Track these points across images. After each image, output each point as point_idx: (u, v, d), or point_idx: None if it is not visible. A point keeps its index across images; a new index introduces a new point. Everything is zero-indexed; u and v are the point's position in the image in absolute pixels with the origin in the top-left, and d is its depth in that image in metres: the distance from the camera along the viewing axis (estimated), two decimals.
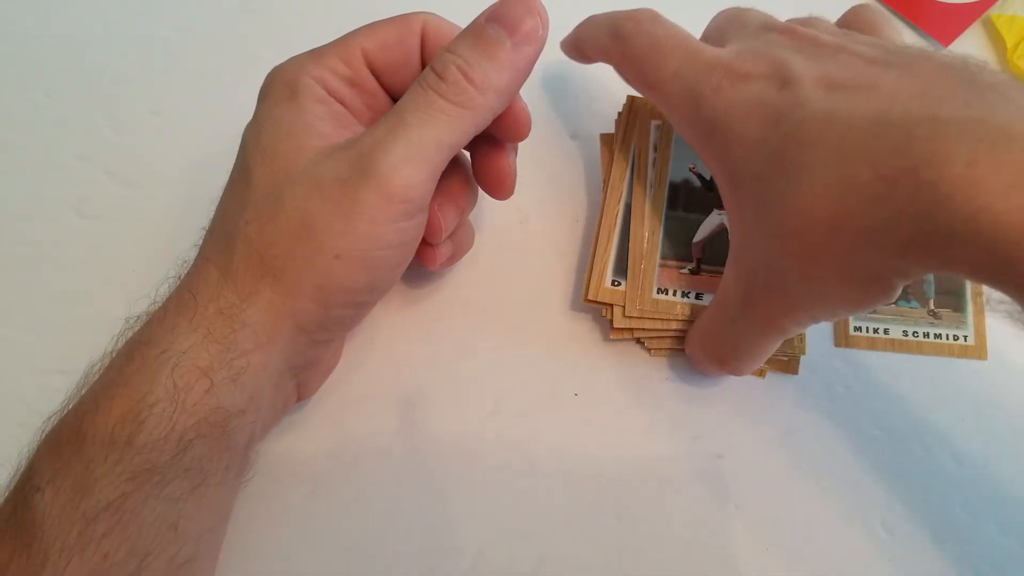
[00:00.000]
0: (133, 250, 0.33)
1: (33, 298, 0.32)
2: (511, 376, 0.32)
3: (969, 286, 0.33)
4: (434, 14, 0.27)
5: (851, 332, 0.33)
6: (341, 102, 0.26)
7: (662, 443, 0.31)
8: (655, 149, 0.32)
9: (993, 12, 0.40)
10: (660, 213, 0.31)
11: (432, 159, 0.24)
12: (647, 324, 0.30)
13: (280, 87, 0.26)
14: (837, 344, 0.33)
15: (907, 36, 0.40)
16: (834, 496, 0.30)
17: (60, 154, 0.35)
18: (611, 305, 0.30)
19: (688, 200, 0.31)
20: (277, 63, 0.26)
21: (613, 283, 0.30)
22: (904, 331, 0.33)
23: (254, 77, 0.26)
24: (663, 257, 0.30)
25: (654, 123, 0.32)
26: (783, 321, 0.25)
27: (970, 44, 0.40)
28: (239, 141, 0.26)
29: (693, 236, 0.31)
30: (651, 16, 0.27)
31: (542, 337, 0.33)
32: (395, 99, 0.27)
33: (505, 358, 0.32)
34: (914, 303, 0.33)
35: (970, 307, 0.33)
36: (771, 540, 0.30)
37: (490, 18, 0.25)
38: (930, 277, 0.33)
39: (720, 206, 0.31)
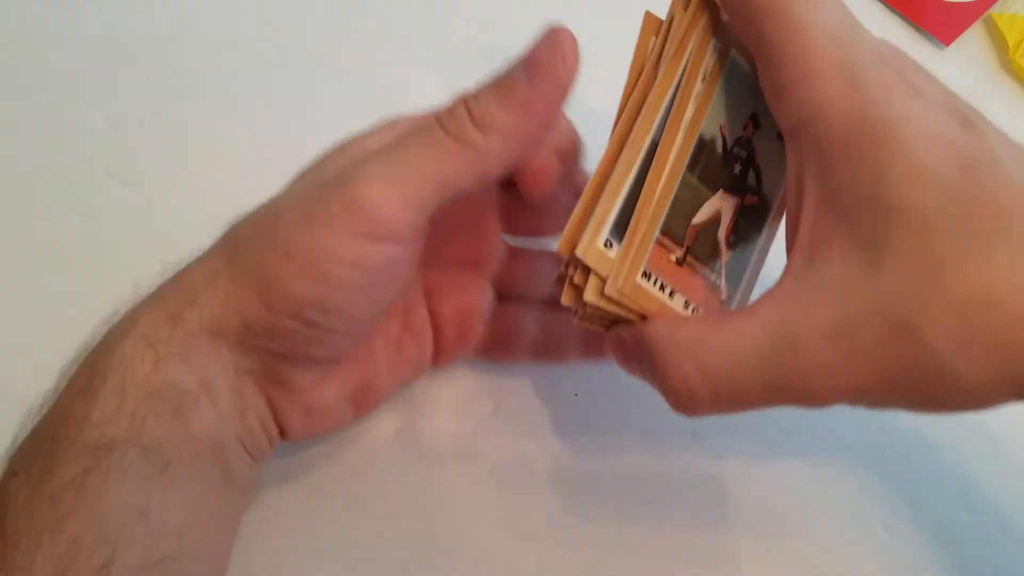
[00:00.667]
0: (133, 250, 0.33)
1: (33, 298, 0.32)
2: (511, 376, 0.32)
3: None
4: None
5: None
6: None
7: (662, 443, 0.31)
8: (703, 79, 0.24)
9: (994, 11, 0.40)
10: (680, 170, 0.23)
11: (415, 188, 0.22)
12: (615, 309, 0.23)
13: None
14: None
15: (909, 36, 0.40)
16: (835, 496, 0.30)
17: (60, 154, 0.35)
18: (588, 273, 0.22)
19: (706, 167, 0.24)
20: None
21: (605, 243, 0.22)
22: None
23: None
24: (663, 231, 0.23)
25: (714, 42, 0.24)
26: (832, 398, 0.20)
27: (971, 43, 0.40)
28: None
29: (694, 215, 0.24)
30: None
31: None
32: None
33: None
34: None
35: None
36: (771, 540, 0.30)
37: (519, 58, 0.23)
38: None
39: (728, 188, 0.24)
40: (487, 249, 0.29)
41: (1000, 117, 0.23)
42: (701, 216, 0.24)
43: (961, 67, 0.39)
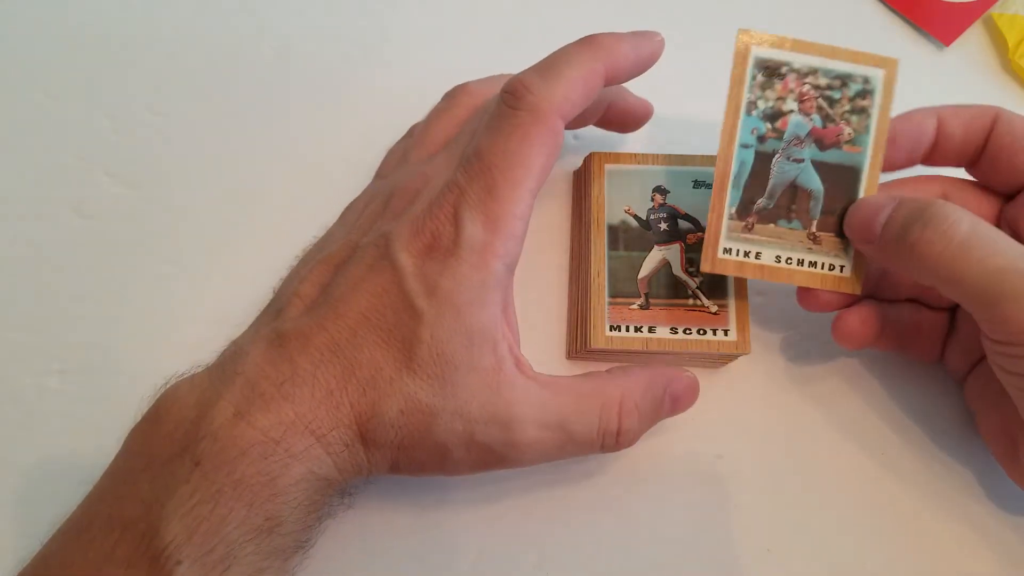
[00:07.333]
0: (133, 250, 0.33)
1: (33, 298, 0.32)
2: None
3: None
4: None
5: (720, 255, 0.29)
6: None
7: (662, 443, 0.31)
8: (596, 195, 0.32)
9: (994, 11, 0.40)
10: (603, 253, 0.31)
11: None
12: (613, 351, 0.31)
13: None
14: (703, 268, 0.29)
15: (909, 36, 0.40)
16: (835, 496, 0.30)
17: (60, 154, 0.35)
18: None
19: (628, 240, 0.31)
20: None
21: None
22: (777, 256, 0.29)
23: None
24: (611, 295, 0.31)
25: (607, 167, 0.32)
26: None
27: (971, 43, 0.40)
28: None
29: (638, 273, 0.31)
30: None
31: (541, 338, 0.32)
32: None
33: None
34: (795, 223, 0.29)
35: None
36: (771, 540, 0.30)
37: (670, 391, 0.28)
38: (819, 194, 0.29)
39: (661, 242, 0.31)
40: None
41: None
42: (645, 270, 0.31)
43: (961, 67, 0.39)
